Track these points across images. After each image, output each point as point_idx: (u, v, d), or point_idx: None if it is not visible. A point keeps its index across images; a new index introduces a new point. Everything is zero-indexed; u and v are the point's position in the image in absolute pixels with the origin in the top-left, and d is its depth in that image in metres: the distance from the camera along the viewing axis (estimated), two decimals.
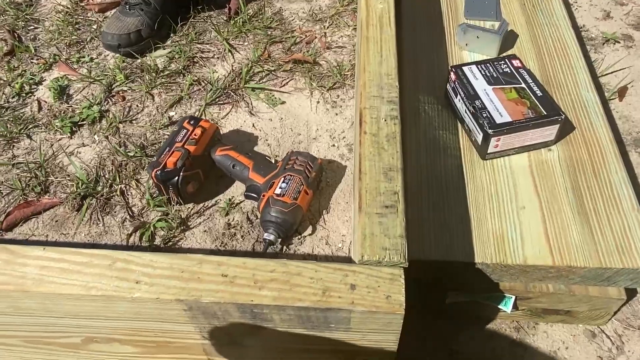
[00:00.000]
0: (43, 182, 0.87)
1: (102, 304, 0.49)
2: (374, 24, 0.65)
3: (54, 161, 0.91)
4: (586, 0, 1.07)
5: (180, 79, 1.02)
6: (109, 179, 0.87)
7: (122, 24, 1.04)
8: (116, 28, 1.04)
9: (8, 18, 1.18)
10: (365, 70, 0.60)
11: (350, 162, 0.87)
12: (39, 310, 0.52)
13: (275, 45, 1.08)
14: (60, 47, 1.11)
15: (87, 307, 0.50)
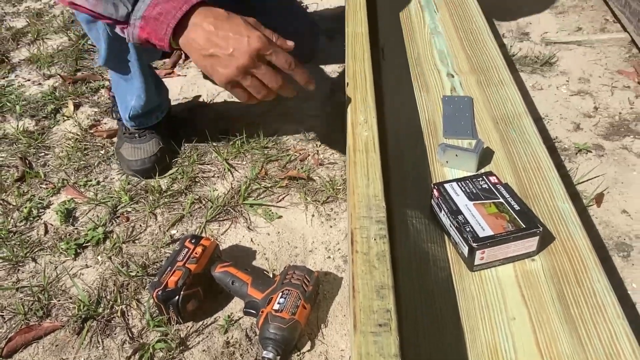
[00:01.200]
0: (45, 305, 0.89)
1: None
2: (360, 150, 0.72)
3: (57, 284, 0.93)
4: (556, 114, 1.17)
5: (183, 198, 1.08)
6: (110, 300, 0.89)
7: (143, 148, 1.11)
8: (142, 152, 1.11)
9: (21, 146, 1.26)
10: (354, 193, 0.65)
11: (346, 273, 0.90)
12: None
13: (271, 163, 1.15)
14: (68, 172, 1.18)
15: None
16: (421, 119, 0.99)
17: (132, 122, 1.14)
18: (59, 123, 1.34)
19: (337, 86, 1.36)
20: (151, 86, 1.09)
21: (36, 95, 1.45)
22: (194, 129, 1.25)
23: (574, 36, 1.41)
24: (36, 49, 1.66)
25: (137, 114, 1.12)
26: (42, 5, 1.94)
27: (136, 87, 1.07)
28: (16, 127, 1.32)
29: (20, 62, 1.61)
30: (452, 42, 1.20)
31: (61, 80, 1.50)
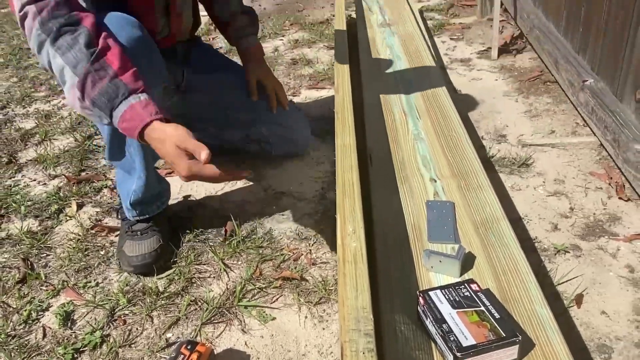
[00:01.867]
0: None
1: None
2: (349, 261, 0.77)
3: None
4: (535, 215, 1.24)
5: (179, 299, 1.11)
6: None
7: (144, 244, 1.16)
8: (143, 248, 1.16)
9: (23, 247, 1.31)
10: (344, 305, 0.70)
11: None
12: None
13: (266, 262, 1.20)
14: (69, 274, 1.21)
15: None
16: (407, 224, 1.05)
17: (134, 210, 1.19)
18: (62, 223, 1.40)
19: (329, 185, 1.44)
20: (152, 173, 1.17)
21: (41, 195, 1.52)
22: (192, 228, 1.31)
23: (548, 139, 1.52)
24: (43, 150, 1.76)
25: (138, 199, 1.18)
26: (51, 107, 2.07)
27: (138, 172, 1.14)
28: (20, 228, 1.37)
29: (27, 163, 1.70)
30: (434, 147, 1.30)
31: (66, 181, 1.57)
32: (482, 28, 2.41)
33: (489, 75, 1.98)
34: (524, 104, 1.74)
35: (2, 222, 1.42)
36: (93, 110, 0.91)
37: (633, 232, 1.15)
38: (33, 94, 2.19)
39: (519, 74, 1.95)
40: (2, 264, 1.26)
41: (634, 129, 1.25)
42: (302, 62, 2.26)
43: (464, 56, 2.16)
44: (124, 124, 0.90)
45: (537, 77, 1.87)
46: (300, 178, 1.49)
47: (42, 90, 2.22)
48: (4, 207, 1.47)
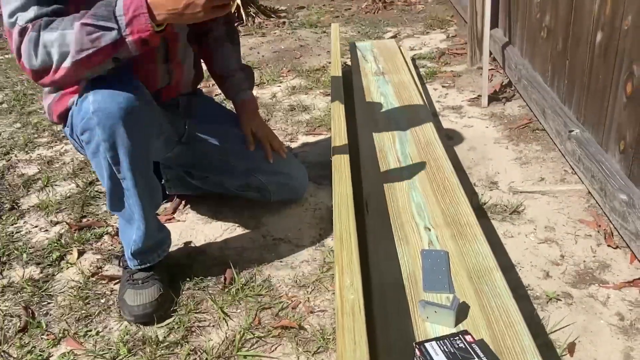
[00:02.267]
0: None
1: None
2: (347, 313, 0.80)
3: None
4: (527, 262, 1.28)
5: (179, 349, 1.12)
6: None
7: (145, 293, 1.18)
8: (144, 298, 1.18)
9: (25, 295, 1.32)
10: (343, 358, 0.72)
11: None
12: None
13: (265, 310, 1.21)
14: (69, 322, 1.22)
15: None
16: (403, 272, 1.08)
17: (135, 259, 1.22)
18: (63, 270, 1.42)
19: (326, 232, 1.47)
20: (152, 223, 1.20)
21: (43, 242, 1.54)
22: (192, 275, 1.33)
23: (538, 186, 1.57)
24: (45, 196, 1.79)
25: (139, 249, 1.20)
26: (53, 153, 2.11)
27: (137, 222, 1.17)
28: (22, 276, 1.39)
29: (29, 209, 1.73)
30: (428, 196, 1.34)
31: (67, 227, 1.60)
32: (472, 76, 2.50)
33: (480, 122, 2.05)
34: (514, 151, 1.80)
35: (3, 269, 1.43)
36: (97, 28, 0.95)
37: (622, 280, 1.19)
38: (36, 139, 2.24)
39: (509, 122, 2.02)
40: (4, 312, 1.27)
41: (619, 179, 1.30)
42: (299, 109, 2.33)
43: (456, 103, 2.24)
44: (130, 11, 0.94)
45: (526, 125, 1.94)
46: (298, 224, 1.53)
47: (44, 136, 2.27)
48: (6, 254, 1.49)
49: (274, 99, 2.46)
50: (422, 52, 2.94)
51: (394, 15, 3.82)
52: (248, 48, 3.20)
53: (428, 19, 3.60)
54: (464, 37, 3.05)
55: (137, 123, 1.06)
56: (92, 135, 1.06)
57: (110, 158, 1.08)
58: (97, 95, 1.03)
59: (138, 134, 1.07)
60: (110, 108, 1.02)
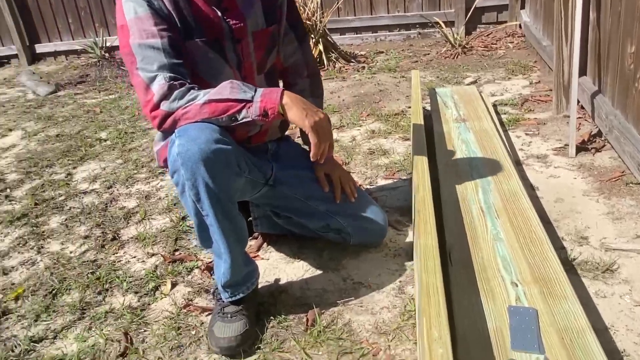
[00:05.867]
0: None
1: None
2: None
3: None
4: (622, 325, 1.21)
5: None
6: None
7: (232, 327, 1.25)
8: (231, 331, 1.25)
9: (124, 321, 1.43)
10: None
11: None
12: None
13: (346, 355, 1.24)
14: (163, 351, 1.31)
15: None
16: (489, 328, 1.07)
17: (225, 292, 1.30)
18: (158, 300, 1.52)
19: (407, 279, 1.48)
20: (238, 257, 1.29)
21: (140, 272, 1.67)
22: (276, 314, 1.38)
23: (633, 244, 1.49)
24: (143, 228, 1.94)
25: (227, 281, 1.29)
26: (150, 188, 2.29)
27: (224, 256, 1.26)
28: (122, 303, 1.51)
29: (129, 240, 1.88)
30: (514, 249, 1.32)
31: (162, 259, 1.72)
32: (558, 124, 2.44)
33: (567, 173, 1.99)
34: (605, 205, 1.73)
35: (106, 295, 1.57)
36: (237, 90, 1.18)
37: None
38: (135, 175, 2.44)
39: (599, 174, 1.94)
40: (106, 336, 1.38)
41: None
42: (378, 152, 2.37)
43: (540, 152, 2.19)
44: (266, 90, 1.18)
45: (618, 178, 1.86)
46: (378, 269, 1.55)
47: (143, 172, 2.47)
48: (108, 282, 1.62)
49: (354, 142, 2.52)
50: (504, 98, 2.91)
51: (474, 61, 3.82)
52: (329, 92, 3.32)
53: (509, 65, 3.57)
54: (548, 84, 2.99)
55: (215, 163, 1.16)
56: (178, 175, 1.18)
57: (193, 196, 1.18)
58: (181, 140, 1.15)
59: (217, 173, 1.17)
60: (192, 150, 1.13)
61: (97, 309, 1.49)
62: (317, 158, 1.23)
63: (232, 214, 1.25)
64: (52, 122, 3.37)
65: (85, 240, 1.89)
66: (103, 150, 2.78)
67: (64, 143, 2.95)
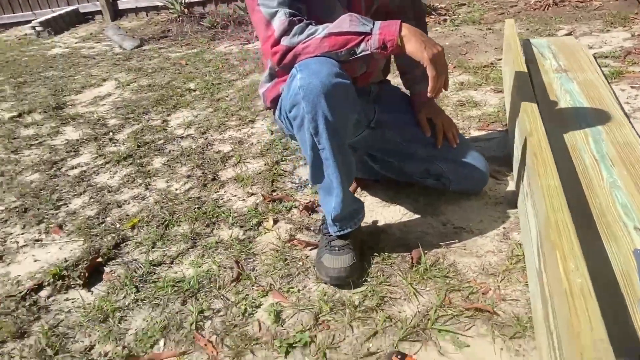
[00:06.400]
0: None
1: None
2: (577, 295, 0.80)
3: None
4: None
5: (374, 314, 1.21)
6: None
7: (340, 259, 1.30)
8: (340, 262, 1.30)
9: (234, 251, 1.52)
10: (579, 337, 0.73)
11: None
12: None
13: (454, 292, 1.25)
14: (274, 278, 1.38)
15: None
16: (615, 271, 1.04)
17: (335, 225, 1.34)
18: (262, 235, 1.59)
19: (511, 226, 1.46)
20: (348, 192, 1.31)
21: (242, 209, 1.75)
22: (379, 252, 1.41)
23: None
24: (239, 170, 2.02)
25: (338, 215, 1.32)
26: (242, 135, 2.36)
27: (336, 190, 1.29)
28: (229, 235, 1.59)
29: (227, 181, 1.96)
30: (634, 197, 1.27)
31: (262, 198, 1.79)
32: None
33: None
34: None
35: (214, 228, 1.66)
36: (356, 22, 1.18)
37: None
38: (227, 122, 2.52)
39: None
40: (218, 263, 1.47)
41: None
42: (469, 104, 2.31)
43: None
44: (384, 23, 1.17)
45: None
46: (479, 216, 1.54)
47: (233, 120, 2.55)
48: (215, 216, 1.71)
49: (442, 94, 2.47)
50: (604, 50, 2.73)
51: (567, 12, 3.59)
52: None
53: (607, 17, 3.32)
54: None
55: (336, 97, 1.18)
56: (298, 109, 1.20)
57: (312, 129, 1.20)
58: (303, 73, 1.17)
59: (336, 106, 1.18)
60: (313, 83, 1.15)
61: (207, 240, 1.59)
62: (434, 92, 1.22)
63: (345, 149, 1.27)
64: (142, 74, 3.52)
65: (188, 179, 2.00)
66: (193, 100, 2.88)
67: (156, 92, 3.08)
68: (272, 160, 2.05)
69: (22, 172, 2.22)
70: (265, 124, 2.41)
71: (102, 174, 2.12)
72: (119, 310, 1.32)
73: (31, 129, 2.72)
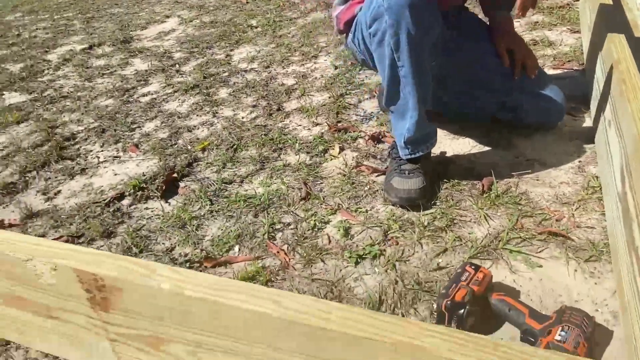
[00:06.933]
0: (337, 297, 1.07)
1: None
2: None
3: (343, 282, 1.12)
4: None
5: (444, 234, 1.22)
6: (391, 304, 1.04)
7: (411, 181, 1.31)
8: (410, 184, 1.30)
9: (301, 173, 1.55)
10: None
11: (617, 328, 0.93)
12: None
13: (526, 218, 1.24)
14: (342, 199, 1.41)
15: None
16: None
17: (406, 148, 1.34)
18: (328, 161, 1.62)
19: (587, 160, 1.42)
20: (423, 114, 1.30)
21: (308, 137, 1.77)
22: (449, 178, 1.41)
23: None
24: (304, 102, 2.03)
25: (411, 137, 1.32)
26: (305, 70, 2.36)
27: (411, 111, 1.28)
28: (296, 160, 1.62)
29: (292, 111, 1.98)
30: None
31: (327, 128, 1.81)
32: None
33: None
34: None
35: (281, 153, 1.69)
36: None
37: None
38: (290, 57, 2.52)
39: None
40: (287, 184, 1.51)
41: None
42: (543, 43, 2.21)
43: None
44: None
45: None
46: (553, 149, 1.49)
47: (296, 55, 2.54)
48: (281, 142, 1.75)
49: (529, 12, 2.36)
50: None
51: None
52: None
53: None
54: None
55: (420, 10, 1.15)
56: (380, 22, 1.18)
57: (393, 45, 1.18)
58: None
59: (421, 20, 1.16)
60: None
61: (275, 163, 1.63)
62: (521, 10, 1.17)
63: (425, 69, 1.25)
64: (204, 11, 3.54)
65: (253, 109, 2.03)
66: (255, 36, 2.89)
67: (218, 29, 3.10)
68: (336, 94, 2.05)
69: (96, 97, 2.32)
70: (329, 60, 2.40)
71: (172, 102, 2.18)
72: (196, 219, 1.39)
73: (102, 60, 2.82)
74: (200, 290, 0.75)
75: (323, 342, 0.67)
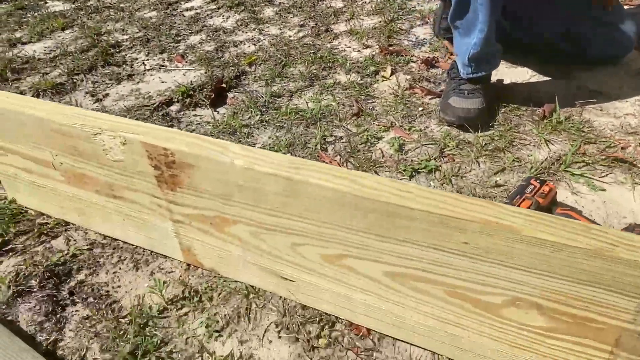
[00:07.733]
0: None
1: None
2: None
3: None
4: None
5: (502, 155, 1.19)
6: None
7: (469, 101, 1.26)
8: (468, 104, 1.26)
9: (352, 92, 1.51)
10: None
11: None
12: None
13: (590, 144, 1.20)
14: (395, 118, 1.37)
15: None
16: None
17: (469, 66, 1.28)
18: (379, 82, 1.57)
19: None
20: (492, 29, 1.23)
21: (358, 58, 1.71)
22: (508, 103, 1.36)
23: None
24: (353, 25, 1.96)
25: (476, 53, 1.25)
26: None
27: (480, 25, 1.21)
28: (347, 79, 1.58)
29: (341, 33, 1.92)
30: None
31: (378, 50, 1.75)
32: None
33: None
34: None
35: (330, 72, 1.65)
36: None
37: None
38: None
39: None
40: (337, 100, 1.48)
41: None
42: None
43: None
44: None
45: None
46: (617, 83, 1.43)
47: None
48: (331, 62, 1.70)
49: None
50: None
51: None
52: None
53: None
54: None
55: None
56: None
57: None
58: None
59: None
60: None
61: (325, 81, 1.59)
62: None
63: None
64: None
65: (301, 28, 1.97)
66: None
67: None
68: (387, 18, 1.97)
69: (139, 9, 2.28)
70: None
71: (216, 17, 2.13)
72: (246, 127, 1.38)
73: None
74: (275, 167, 0.74)
75: (399, 220, 0.66)
